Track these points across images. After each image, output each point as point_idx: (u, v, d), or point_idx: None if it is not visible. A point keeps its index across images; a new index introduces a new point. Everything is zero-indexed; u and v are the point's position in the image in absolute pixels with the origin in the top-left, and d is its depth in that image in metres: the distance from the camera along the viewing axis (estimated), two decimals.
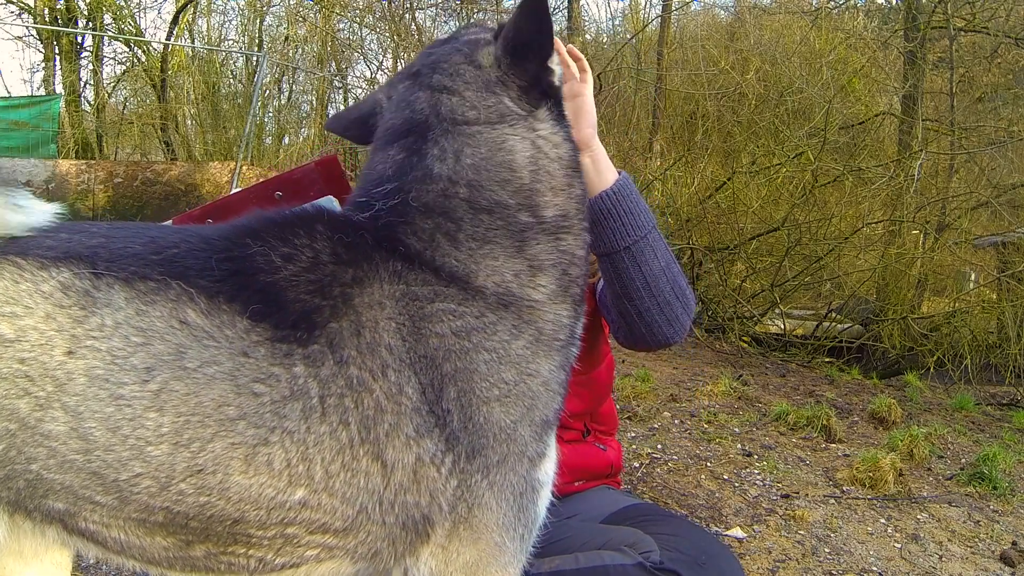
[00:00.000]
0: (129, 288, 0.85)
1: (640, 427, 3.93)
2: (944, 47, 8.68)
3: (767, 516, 2.80)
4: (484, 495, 0.92)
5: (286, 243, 0.92)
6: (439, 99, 1.03)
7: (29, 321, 0.82)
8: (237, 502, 0.85)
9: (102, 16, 12.80)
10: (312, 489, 0.86)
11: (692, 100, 8.77)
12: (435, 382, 0.90)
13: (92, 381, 0.82)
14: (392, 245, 0.94)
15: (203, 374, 0.83)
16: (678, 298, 1.29)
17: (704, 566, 1.19)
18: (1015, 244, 7.19)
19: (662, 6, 10.31)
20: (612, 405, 1.71)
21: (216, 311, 0.86)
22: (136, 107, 14.28)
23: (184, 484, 0.83)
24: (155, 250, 0.89)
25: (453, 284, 0.93)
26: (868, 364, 7.16)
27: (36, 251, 0.86)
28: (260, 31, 13.96)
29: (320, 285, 0.90)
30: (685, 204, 7.74)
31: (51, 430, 0.81)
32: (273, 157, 12.10)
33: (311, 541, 0.90)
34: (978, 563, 2.57)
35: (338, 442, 0.87)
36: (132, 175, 9.78)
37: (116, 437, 0.82)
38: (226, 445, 0.84)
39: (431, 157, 0.99)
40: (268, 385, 0.85)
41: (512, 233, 0.98)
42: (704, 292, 7.68)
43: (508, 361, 0.94)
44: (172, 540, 0.88)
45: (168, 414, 0.82)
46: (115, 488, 0.83)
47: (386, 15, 11.24)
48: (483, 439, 0.91)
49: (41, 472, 0.82)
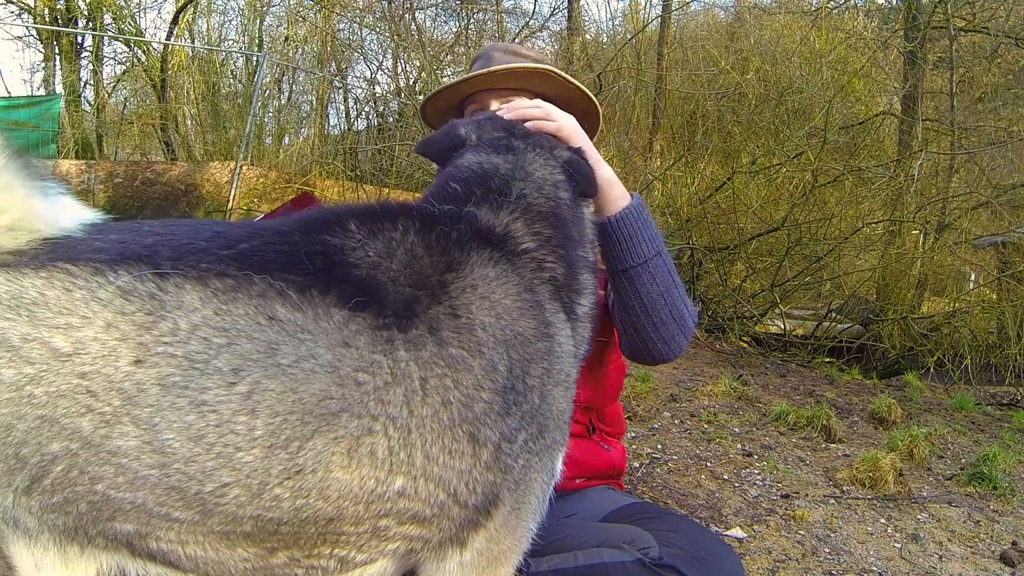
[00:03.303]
0: (203, 287, 0.80)
1: (640, 427, 3.93)
2: (944, 47, 8.68)
3: (767, 516, 2.80)
4: (535, 477, 0.96)
5: (377, 235, 0.92)
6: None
7: (88, 332, 0.75)
8: (336, 499, 0.82)
9: (102, 16, 12.80)
10: (412, 476, 0.85)
11: (692, 100, 8.77)
12: (525, 358, 0.94)
13: (167, 390, 0.76)
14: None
15: (300, 369, 0.79)
16: (675, 320, 1.37)
17: (703, 561, 1.18)
18: (1015, 244, 7.19)
19: (662, 6, 10.30)
20: (620, 409, 1.72)
21: (310, 304, 0.82)
22: (136, 107, 14.28)
23: (280, 488, 0.79)
24: (225, 244, 0.84)
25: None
26: (868, 364, 7.16)
27: (87, 255, 0.79)
28: (260, 31, 13.96)
29: (419, 275, 0.90)
30: (685, 204, 7.74)
31: (120, 446, 0.75)
32: (273, 157, 12.10)
33: (398, 533, 0.88)
34: (978, 563, 2.57)
35: (439, 424, 0.86)
36: (132, 175, 9.78)
37: (200, 447, 0.76)
38: (328, 440, 0.80)
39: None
40: (371, 373, 0.83)
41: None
42: (704, 292, 7.68)
43: (566, 356, 1.03)
44: (255, 550, 0.84)
45: (261, 415, 0.78)
46: (197, 501, 0.78)
47: (386, 15, 11.23)
48: (548, 420, 0.97)
49: (108, 492, 0.76)
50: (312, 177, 10.20)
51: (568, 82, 1.50)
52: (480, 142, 1.22)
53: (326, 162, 10.92)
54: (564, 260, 1.08)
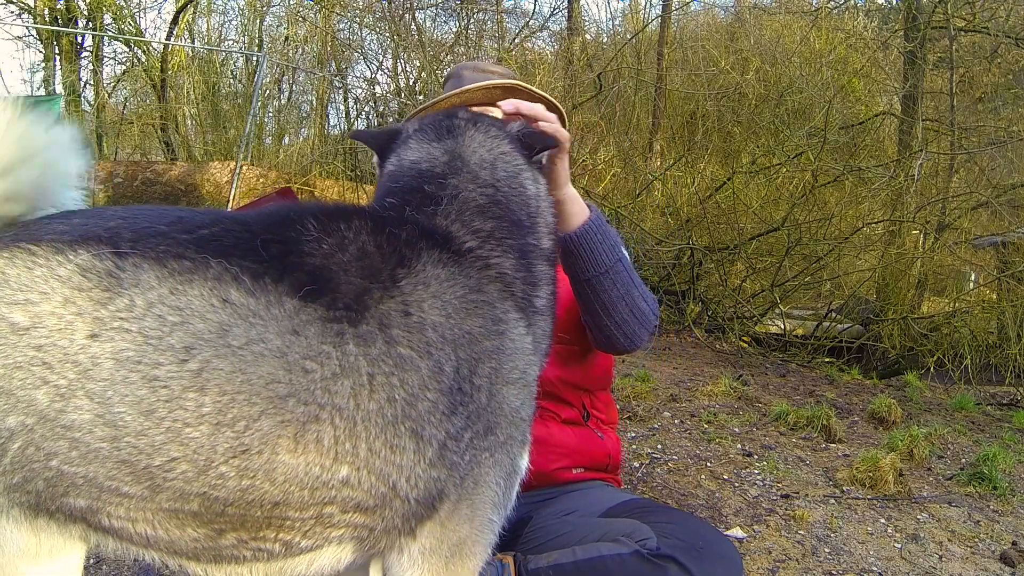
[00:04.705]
0: (161, 267, 0.82)
1: (640, 427, 3.93)
2: (944, 47, 8.68)
3: (767, 516, 2.80)
4: (488, 473, 0.97)
5: (331, 231, 0.93)
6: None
7: (46, 307, 0.78)
8: (283, 483, 0.84)
9: (102, 16, 12.80)
10: (356, 466, 0.87)
11: (692, 100, 8.78)
12: (472, 358, 0.95)
13: (121, 364, 0.78)
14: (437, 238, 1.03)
15: (250, 352, 0.82)
16: (636, 318, 1.47)
17: (701, 551, 1.19)
18: (1015, 244, 7.19)
19: (662, 6, 10.32)
20: (611, 398, 1.75)
21: (263, 291, 0.84)
22: (136, 107, 14.29)
23: (225, 467, 0.81)
24: (185, 229, 0.87)
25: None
26: (868, 364, 7.16)
27: (49, 236, 0.82)
28: (260, 31, 13.96)
29: (370, 269, 0.92)
30: (685, 204, 7.74)
31: (74, 420, 0.78)
32: (273, 157, 12.11)
33: (342, 520, 0.90)
34: (978, 563, 2.57)
35: (383, 419, 0.87)
36: (132, 175, 9.79)
37: (150, 420, 0.79)
38: (275, 423, 0.82)
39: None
40: (318, 363, 0.84)
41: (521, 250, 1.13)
42: (704, 292, 7.68)
43: (521, 353, 1.03)
44: (204, 531, 0.86)
45: (210, 393, 0.80)
46: (147, 476, 0.80)
47: (386, 15, 11.23)
48: (498, 418, 0.98)
49: (62, 467, 0.79)
50: (312, 177, 10.21)
51: (534, 92, 1.64)
52: (422, 125, 1.22)
53: (326, 162, 10.94)
54: (512, 251, 1.08)
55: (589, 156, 8.51)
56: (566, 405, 1.59)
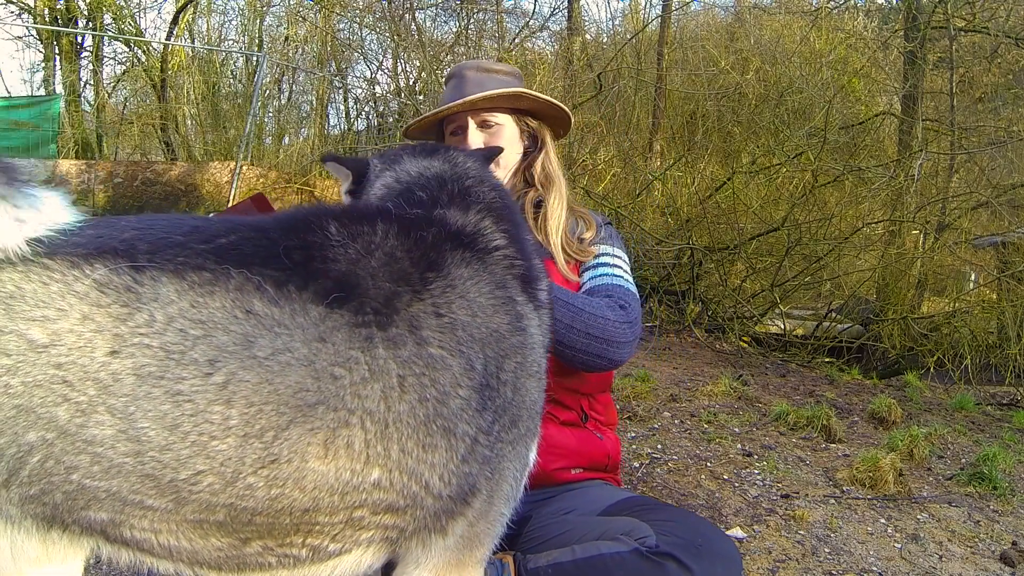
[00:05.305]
0: (180, 280, 0.81)
1: (640, 427, 3.93)
2: (944, 47, 8.68)
3: (767, 516, 2.80)
4: (508, 466, 0.99)
5: (356, 235, 0.93)
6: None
7: (64, 324, 0.77)
8: (312, 490, 0.83)
9: (102, 16, 12.80)
10: (387, 468, 0.87)
11: (692, 100, 8.78)
12: (499, 354, 0.97)
13: (143, 380, 0.77)
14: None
15: (276, 362, 0.81)
16: (596, 339, 1.42)
17: (700, 548, 1.19)
18: (1015, 244, 7.19)
19: (662, 6, 10.31)
20: (611, 399, 1.75)
21: (287, 300, 0.84)
22: (136, 107, 14.27)
23: (254, 477, 0.81)
24: (203, 239, 0.85)
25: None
26: (868, 364, 7.16)
27: (64, 250, 0.80)
28: (260, 31, 13.95)
29: (400, 273, 0.92)
30: (685, 204, 7.74)
31: (95, 435, 0.76)
32: (273, 157, 12.10)
33: (372, 522, 0.89)
34: (978, 563, 2.57)
35: (415, 419, 0.87)
36: (132, 175, 9.78)
37: (175, 435, 0.78)
38: (304, 431, 0.82)
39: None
40: (347, 368, 0.84)
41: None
42: (704, 292, 7.68)
43: (538, 346, 1.06)
44: (229, 540, 0.85)
45: (237, 405, 0.79)
46: (172, 489, 0.79)
47: (386, 15, 11.23)
48: (521, 411, 1.00)
49: (83, 481, 0.78)
50: (312, 177, 10.21)
51: (538, 98, 1.65)
52: (403, 149, 1.28)
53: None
54: (524, 251, 1.11)
55: (589, 156, 8.50)
56: (564, 408, 1.59)
